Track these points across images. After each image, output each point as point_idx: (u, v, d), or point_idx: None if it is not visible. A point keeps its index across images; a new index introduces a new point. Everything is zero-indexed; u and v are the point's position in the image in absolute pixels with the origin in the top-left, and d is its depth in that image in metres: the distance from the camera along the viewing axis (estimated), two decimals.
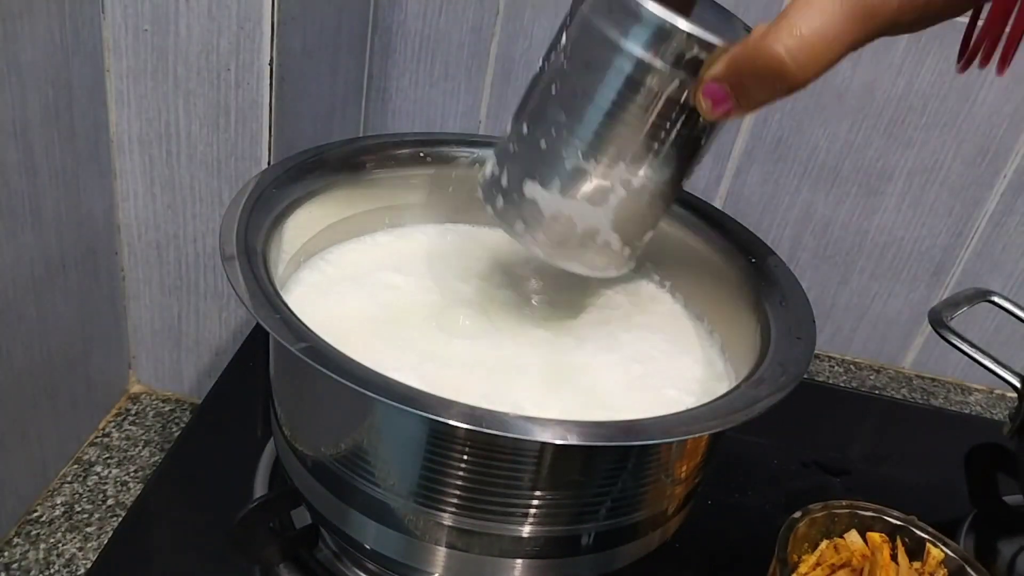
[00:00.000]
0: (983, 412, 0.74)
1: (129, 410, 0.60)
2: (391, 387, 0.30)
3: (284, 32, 0.48)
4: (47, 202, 0.47)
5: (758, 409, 0.33)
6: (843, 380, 0.74)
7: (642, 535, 0.38)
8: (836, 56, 0.30)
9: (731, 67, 0.32)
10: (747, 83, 0.32)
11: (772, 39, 0.30)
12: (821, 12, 0.29)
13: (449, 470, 0.33)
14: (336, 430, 0.36)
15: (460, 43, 0.66)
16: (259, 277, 0.35)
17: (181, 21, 0.47)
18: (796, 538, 0.41)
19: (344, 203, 0.45)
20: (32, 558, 0.48)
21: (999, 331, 0.71)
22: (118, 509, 0.52)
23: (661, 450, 0.35)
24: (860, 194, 0.69)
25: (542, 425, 0.30)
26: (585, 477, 0.34)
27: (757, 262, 0.43)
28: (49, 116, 0.45)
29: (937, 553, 0.42)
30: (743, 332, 0.41)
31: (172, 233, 0.54)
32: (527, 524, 0.34)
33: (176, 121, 0.50)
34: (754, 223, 0.46)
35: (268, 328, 0.32)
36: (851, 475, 0.57)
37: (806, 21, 0.30)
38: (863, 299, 0.74)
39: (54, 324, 0.50)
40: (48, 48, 0.44)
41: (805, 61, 0.30)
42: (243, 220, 0.38)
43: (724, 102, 0.32)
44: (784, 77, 0.30)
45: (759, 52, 0.30)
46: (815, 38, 0.29)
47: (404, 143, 0.47)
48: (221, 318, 0.58)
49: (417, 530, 0.35)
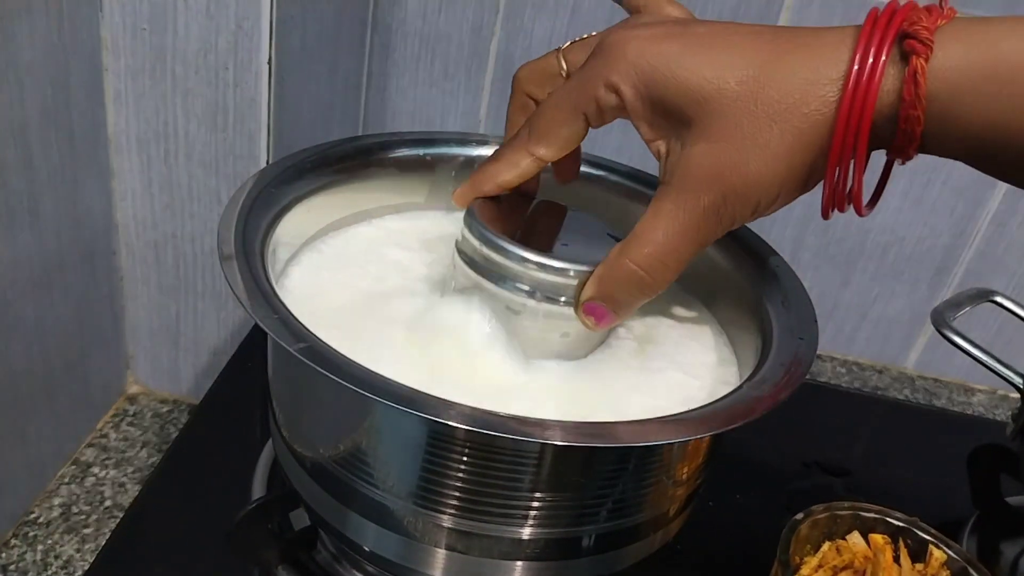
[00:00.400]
0: (986, 413, 0.73)
1: (127, 411, 0.59)
2: (390, 388, 0.30)
3: (282, 31, 0.48)
4: (45, 202, 0.46)
5: (760, 410, 0.32)
6: (845, 381, 0.74)
7: (643, 537, 0.38)
8: (686, 260, 0.33)
9: (599, 287, 0.35)
10: (617, 297, 0.35)
11: (625, 257, 0.33)
12: (662, 228, 0.32)
13: (448, 471, 0.33)
14: (335, 431, 0.36)
15: (460, 42, 0.66)
16: (257, 277, 0.34)
17: (179, 20, 0.47)
18: (798, 539, 0.41)
19: (343, 202, 0.45)
20: (29, 560, 0.48)
21: (1002, 331, 0.71)
22: (116, 511, 0.52)
23: (662, 452, 0.35)
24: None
25: (542, 427, 0.30)
26: (585, 479, 0.34)
27: (759, 262, 0.43)
28: (47, 115, 0.45)
29: (940, 555, 0.42)
30: (745, 332, 0.41)
31: (170, 233, 0.54)
32: (527, 526, 0.34)
33: (174, 120, 0.50)
34: (756, 223, 0.46)
35: (266, 328, 0.32)
36: (853, 476, 0.57)
37: (652, 238, 0.33)
38: (865, 299, 0.73)
39: (52, 324, 0.50)
40: (46, 47, 0.44)
41: (657, 271, 0.33)
42: (241, 220, 0.37)
43: (604, 316, 0.35)
44: (645, 288, 0.34)
45: (617, 271, 0.34)
46: (661, 251, 0.33)
47: (403, 142, 0.47)
48: (219, 318, 0.58)
49: (416, 532, 0.35)
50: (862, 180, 0.32)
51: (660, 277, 0.33)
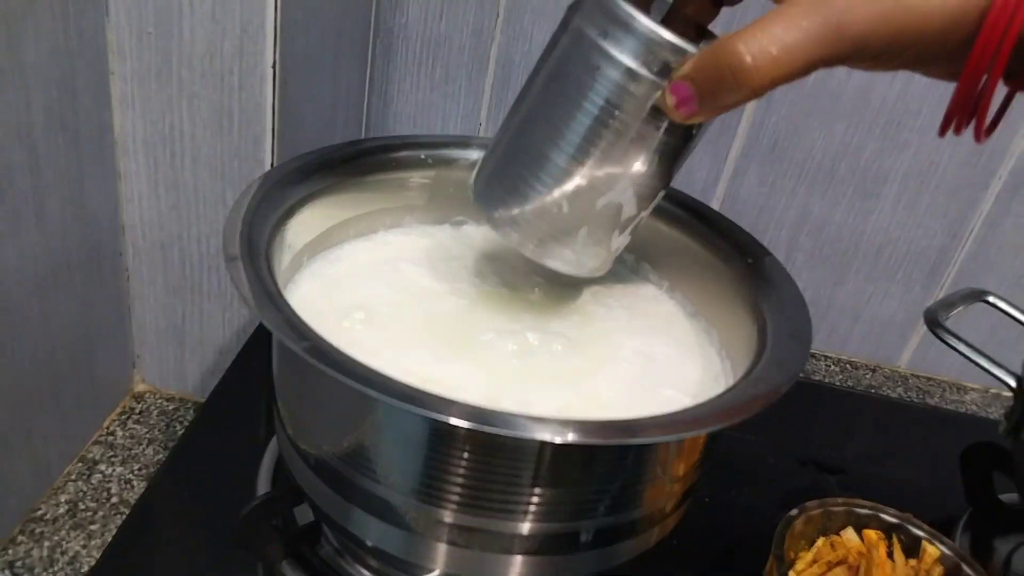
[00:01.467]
0: (979, 411, 0.74)
1: (133, 409, 0.60)
2: (393, 386, 0.30)
3: (287, 36, 0.48)
4: (52, 203, 0.47)
5: (755, 408, 0.33)
6: (839, 379, 0.75)
7: (640, 532, 0.38)
8: (797, 67, 0.30)
9: (697, 66, 0.32)
10: (710, 82, 0.32)
11: (737, 38, 0.30)
12: (787, 22, 0.30)
13: (450, 468, 0.34)
14: (338, 429, 0.36)
15: (461, 46, 0.67)
16: (262, 278, 0.35)
17: (185, 24, 0.48)
18: (793, 535, 0.41)
19: (346, 205, 0.45)
20: (36, 556, 0.48)
21: (994, 331, 0.71)
22: (122, 507, 0.52)
23: (659, 449, 0.36)
24: (856, 195, 0.69)
25: (542, 424, 0.30)
26: (584, 475, 0.35)
27: (754, 263, 0.43)
28: (53, 118, 0.45)
29: (933, 551, 0.42)
30: (740, 332, 0.41)
31: (176, 234, 0.55)
32: (527, 521, 0.35)
33: (180, 123, 0.51)
34: (751, 224, 0.47)
35: (271, 328, 0.32)
36: (847, 473, 0.58)
37: (772, 28, 0.30)
38: (859, 299, 0.74)
39: (59, 324, 0.50)
40: (52, 50, 0.44)
41: (764, 65, 0.30)
42: (246, 221, 0.38)
43: (688, 102, 0.33)
44: (743, 77, 0.30)
45: (723, 50, 0.31)
46: (777, 45, 0.30)
47: (405, 145, 0.47)
48: (224, 318, 0.58)
49: (418, 527, 0.35)
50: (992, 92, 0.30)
51: (764, 73, 0.30)
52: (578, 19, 0.35)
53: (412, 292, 0.44)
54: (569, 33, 0.36)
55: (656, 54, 0.33)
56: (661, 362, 0.42)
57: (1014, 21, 0.29)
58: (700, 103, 0.33)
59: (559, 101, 0.36)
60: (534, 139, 0.37)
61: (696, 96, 0.33)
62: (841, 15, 0.29)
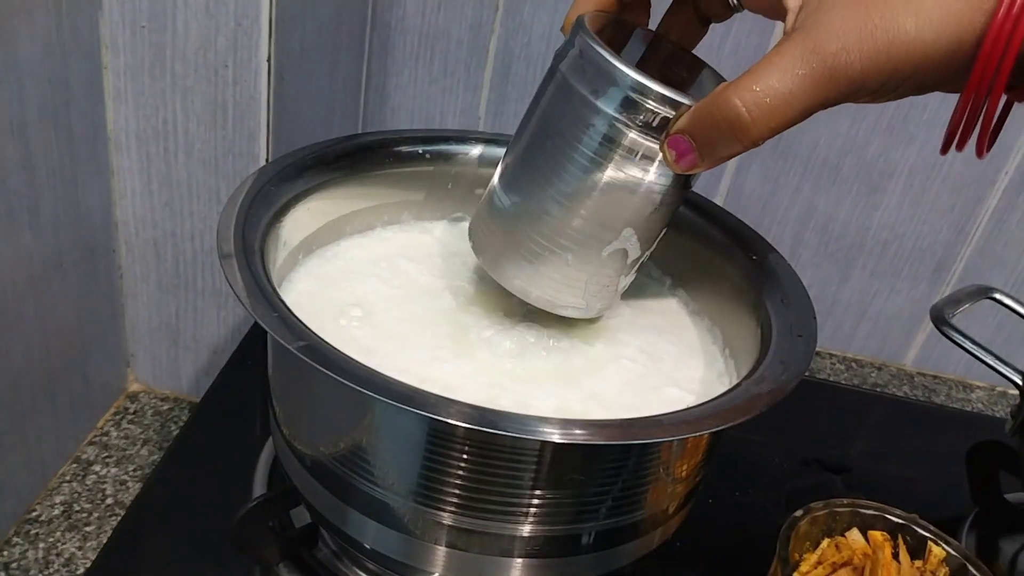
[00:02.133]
0: (985, 410, 0.74)
1: (127, 409, 0.59)
2: (391, 386, 0.30)
3: (282, 29, 0.48)
4: (45, 200, 0.46)
5: (759, 407, 0.32)
6: (844, 378, 0.74)
7: (643, 534, 0.38)
8: (795, 116, 0.30)
9: (694, 120, 0.32)
10: (708, 136, 0.32)
11: (731, 91, 0.31)
12: (781, 71, 0.30)
13: (449, 469, 0.33)
14: (335, 429, 0.36)
15: (459, 40, 0.66)
16: (257, 275, 0.35)
17: (179, 18, 0.47)
18: (797, 536, 0.41)
19: (342, 200, 0.45)
20: (31, 557, 0.48)
21: (1001, 328, 0.71)
22: (117, 508, 0.52)
23: (662, 449, 0.35)
24: (861, 191, 0.68)
25: (543, 423, 0.30)
26: (585, 476, 0.34)
27: (758, 259, 0.43)
28: (47, 114, 0.45)
29: (939, 551, 0.42)
30: (744, 330, 0.41)
31: (170, 231, 0.54)
32: (527, 523, 0.34)
33: (174, 118, 0.50)
34: (755, 221, 0.46)
35: (266, 326, 0.32)
36: (852, 473, 0.57)
37: (766, 78, 0.30)
38: (864, 296, 0.73)
39: (52, 323, 0.50)
40: (45, 45, 0.44)
41: (760, 117, 0.30)
42: (241, 218, 0.37)
43: (688, 154, 0.33)
44: (741, 131, 0.31)
45: (718, 104, 0.31)
46: (772, 96, 0.30)
47: (403, 140, 0.47)
48: (219, 316, 0.58)
49: (417, 529, 0.35)
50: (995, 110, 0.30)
51: (762, 124, 0.30)
52: (566, 71, 0.35)
53: (410, 289, 0.43)
54: (559, 87, 0.36)
55: (650, 108, 0.33)
56: (664, 361, 0.42)
57: (1012, 42, 0.28)
58: (700, 156, 0.33)
59: (556, 158, 0.36)
60: (533, 195, 0.37)
61: (695, 150, 0.33)
62: (835, 59, 0.29)
